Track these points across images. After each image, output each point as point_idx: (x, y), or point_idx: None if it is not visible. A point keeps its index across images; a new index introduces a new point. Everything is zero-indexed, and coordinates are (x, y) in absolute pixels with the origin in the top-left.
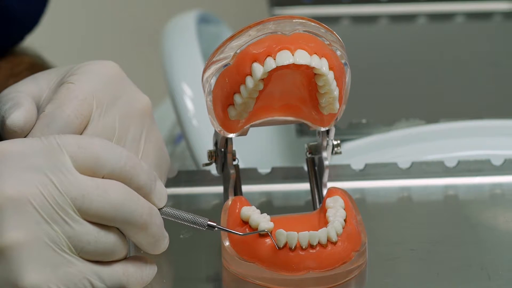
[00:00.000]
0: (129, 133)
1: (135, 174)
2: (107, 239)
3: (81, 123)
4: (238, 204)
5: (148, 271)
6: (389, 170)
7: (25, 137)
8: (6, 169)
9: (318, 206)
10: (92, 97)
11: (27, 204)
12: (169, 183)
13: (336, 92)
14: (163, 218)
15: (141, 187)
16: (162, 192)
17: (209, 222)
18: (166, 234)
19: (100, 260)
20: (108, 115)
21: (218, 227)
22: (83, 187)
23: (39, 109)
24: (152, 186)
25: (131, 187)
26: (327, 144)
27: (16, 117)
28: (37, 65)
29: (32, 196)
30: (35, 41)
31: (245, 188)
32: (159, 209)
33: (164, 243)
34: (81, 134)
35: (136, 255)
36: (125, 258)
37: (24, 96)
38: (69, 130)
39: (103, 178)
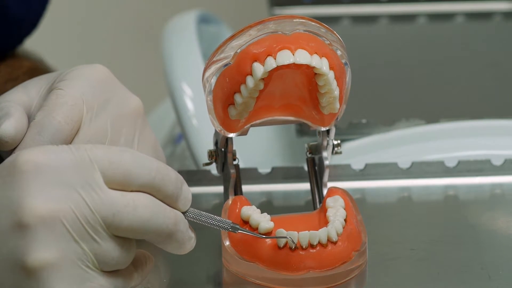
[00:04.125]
0: (122, 135)
1: (163, 185)
2: (128, 253)
3: (72, 128)
4: (238, 203)
5: (147, 267)
6: (389, 170)
7: (16, 146)
8: (38, 185)
9: (318, 206)
10: (82, 101)
11: (58, 224)
12: None
13: (336, 92)
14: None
15: (168, 196)
16: (187, 197)
17: (232, 225)
18: (192, 235)
19: (115, 269)
20: (99, 119)
21: (241, 230)
22: (114, 206)
23: (30, 117)
24: (178, 194)
25: (158, 197)
26: (327, 144)
27: (7, 128)
28: (37, 70)
29: (64, 215)
30: (35, 44)
31: (245, 188)
32: (183, 212)
33: (190, 244)
34: (72, 139)
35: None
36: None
37: (13, 105)
38: (61, 136)
39: (131, 191)
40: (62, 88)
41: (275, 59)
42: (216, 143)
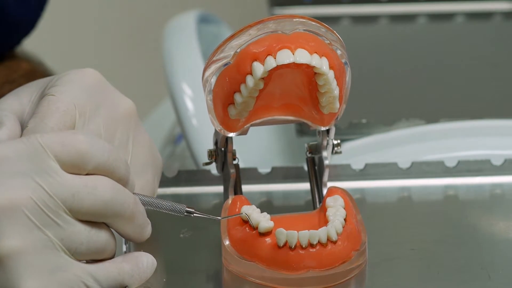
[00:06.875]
0: (116, 138)
1: (117, 167)
2: (98, 237)
3: None
4: (238, 203)
5: (145, 267)
6: (389, 170)
7: None
8: None
9: (318, 206)
10: (74, 107)
11: (19, 212)
12: (169, 183)
13: (336, 91)
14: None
15: (121, 178)
16: (134, 182)
17: (187, 209)
18: (149, 221)
19: (93, 258)
20: (92, 123)
21: (196, 213)
22: (72, 187)
23: (23, 124)
24: (128, 177)
25: (113, 179)
26: (327, 144)
27: (0, 136)
28: (35, 72)
29: (23, 203)
30: (34, 44)
31: (245, 187)
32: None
33: (148, 229)
34: None
35: (132, 252)
36: (120, 257)
37: (5, 114)
38: None
39: (88, 173)
40: (54, 94)
41: (275, 58)
42: (216, 143)
